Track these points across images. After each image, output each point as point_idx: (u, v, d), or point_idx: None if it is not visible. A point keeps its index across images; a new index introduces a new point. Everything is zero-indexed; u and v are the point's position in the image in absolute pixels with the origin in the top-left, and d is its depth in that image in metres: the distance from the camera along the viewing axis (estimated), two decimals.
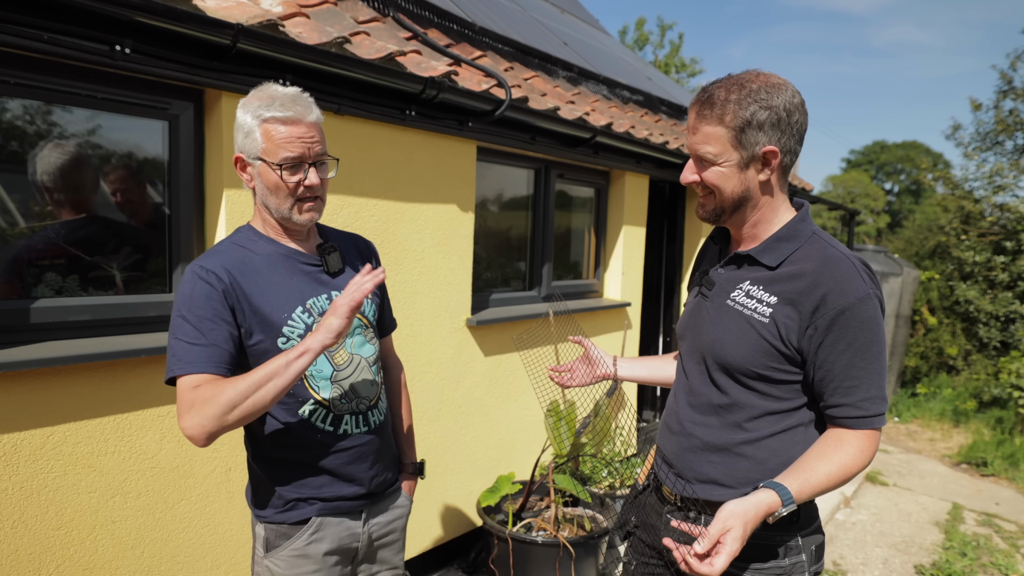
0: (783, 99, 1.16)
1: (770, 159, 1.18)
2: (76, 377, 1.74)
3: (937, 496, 4.64)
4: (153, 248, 2.00)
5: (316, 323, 1.28)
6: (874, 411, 1.17)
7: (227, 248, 1.28)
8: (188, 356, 1.16)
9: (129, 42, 1.72)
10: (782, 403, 1.21)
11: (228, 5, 2.00)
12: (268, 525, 1.32)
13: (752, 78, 1.17)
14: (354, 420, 1.35)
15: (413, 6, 3.13)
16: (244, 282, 1.23)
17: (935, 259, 8.70)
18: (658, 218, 4.91)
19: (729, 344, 1.22)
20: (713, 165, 1.20)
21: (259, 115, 1.22)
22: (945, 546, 3.74)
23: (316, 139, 1.26)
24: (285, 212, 1.27)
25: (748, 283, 1.23)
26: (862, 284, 1.15)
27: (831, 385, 1.17)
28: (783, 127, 1.16)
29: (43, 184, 1.78)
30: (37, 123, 1.77)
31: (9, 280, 1.72)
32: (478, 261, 3.14)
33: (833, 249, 1.19)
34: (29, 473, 1.67)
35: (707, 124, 1.17)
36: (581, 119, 3.20)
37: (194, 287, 1.20)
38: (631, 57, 6.64)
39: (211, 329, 1.18)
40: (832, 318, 1.13)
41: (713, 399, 1.27)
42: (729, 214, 1.24)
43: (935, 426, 6.83)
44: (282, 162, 1.22)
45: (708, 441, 1.27)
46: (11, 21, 1.54)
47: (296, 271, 1.30)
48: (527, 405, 3.32)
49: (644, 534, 1.42)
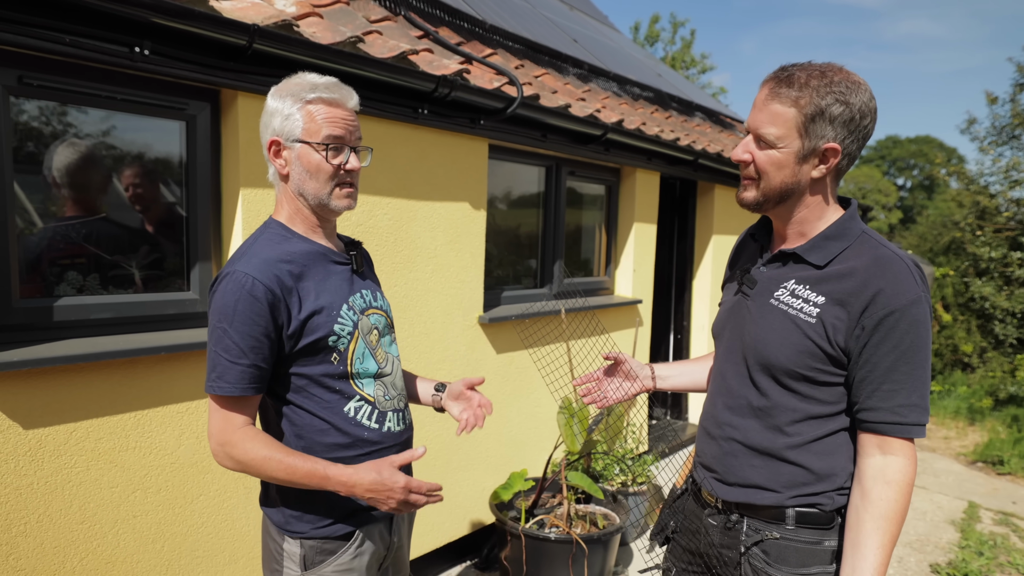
0: (861, 99, 1.12)
1: (829, 157, 1.15)
2: (98, 374, 1.77)
3: (953, 495, 4.59)
4: (171, 247, 2.03)
5: (359, 319, 1.27)
6: (912, 419, 1.11)
7: (266, 251, 1.21)
8: (229, 376, 1.15)
9: (148, 43, 1.75)
10: (824, 407, 1.18)
11: (243, 6, 2.03)
12: (306, 541, 1.25)
13: (836, 70, 1.13)
14: (396, 417, 1.34)
15: (424, 4, 3.14)
16: (293, 289, 1.19)
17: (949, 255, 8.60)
18: (669, 215, 4.90)
19: (773, 344, 1.19)
20: (771, 148, 1.16)
21: (302, 97, 1.20)
22: (961, 545, 3.71)
23: (356, 124, 1.25)
24: (324, 197, 1.24)
25: (793, 282, 1.20)
26: (914, 286, 1.11)
27: (870, 387, 1.12)
28: (852, 127, 1.13)
29: (63, 183, 1.81)
30: (53, 124, 1.80)
31: (32, 279, 1.75)
32: (490, 259, 3.15)
33: (885, 249, 1.16)
34: (53, 468, 1.70)
35: (779, 103, 1.13)
36: (592, 116, 3.20)
37: (238, 299, 1.14)
38: (641, 54, 6.62)
39: (253, 347, 1.15)
40: (881, 318, 1.10)
41: (752, 400, 1.24)
42: (772, 204, 1.21)
43: (950, 424, 6.76)
44: (326, 141, 1.20)
45: (750, 445, 1.24)
46: (35, 25, 1.57)
47: (332, 270, 1.28)
48: (539, 402, 3.32)
49: (683, 539, 1.40)
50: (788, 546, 1.21)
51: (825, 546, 1.20)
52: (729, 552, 1.28)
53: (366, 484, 1.16)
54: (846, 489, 1.19)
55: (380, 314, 1.36)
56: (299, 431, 1.24)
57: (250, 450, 1.15)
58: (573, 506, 2.80)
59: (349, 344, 1.26)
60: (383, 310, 1.38)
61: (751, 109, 1.20)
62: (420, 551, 2.76)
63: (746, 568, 1.25)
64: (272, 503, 1.28)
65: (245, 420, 1.19)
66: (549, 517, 2.77)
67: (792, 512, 1.20)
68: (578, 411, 2.89)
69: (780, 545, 1.21)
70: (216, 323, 1.16)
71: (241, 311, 1.14)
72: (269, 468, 1.15)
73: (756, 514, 1.24)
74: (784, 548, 1.21)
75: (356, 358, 1.27)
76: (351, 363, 1.26)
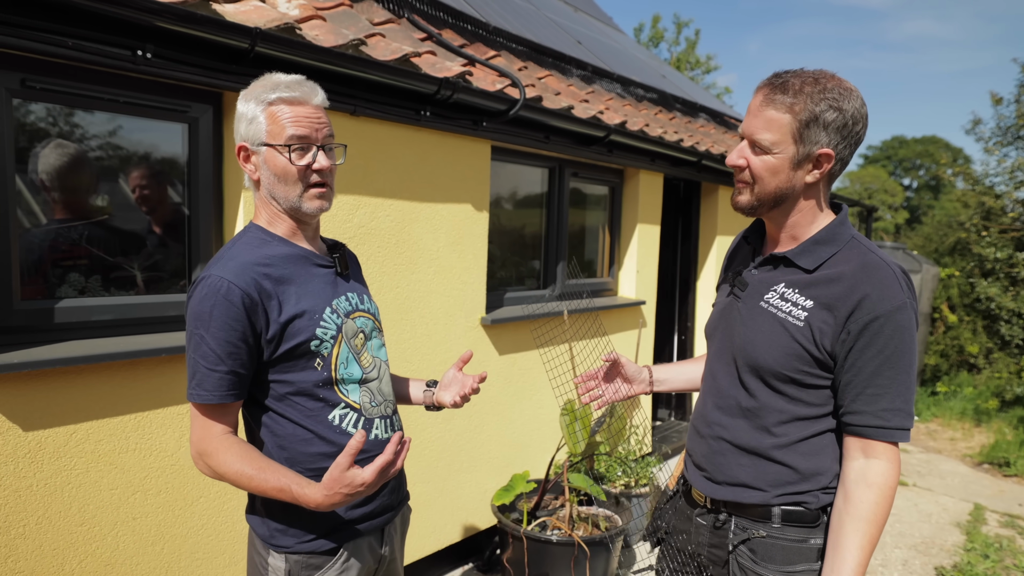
0: (853, 106, 1.14)
1: (823, 162, 1.16)
2: (98, 376, 1.77)
3: (958, 497, 4.56)
4: (173, 248, 2.03)
5: (343, 323, 1.24)
6: (895, 424, 1.12)
7: (244, 254, 1.18)
8: (208, 383, 1.13)
9: (150, 47, 1.75)
10: (811, 408, 1.20)
11: (246, 9, 2.03)
12: (291, 556, 1.21)
13: (828, 77, 1.15)
14: (383, 424, 1.29)
15: (427, 7, 3.14)
16: (272, 293, 1.16)
17: (955, 256, 8.55)
18: (673, 216, 4.89)
19: (761, 346, 1.21)
20: (766, 153, 1.17)
21: (263, 99, 1.16)
22: (967, 548, 3.68)
23: (324, 121, 1.20)
24: (295, 200, 1.19)
25: (783, 285, 1.22)
26: (900, 293, 1.12)
27: (854, 391, 1.14)
28: (845, 133, 1.15)
29: (56, 186, 1.81)
30: (60, 125, 1.80)
31: (33, 281, 1.75)
32: (492, 260, 3.14)
33: (873, 255, 1.17)
34: (53, 470, 1.70)
35: (774, 109, 1.15)
36: (595, 118, 3.19)
37: (215, 304, 1.11)
38: (645, 55, 6.61)
39: (231, 353, 1.13)
40: (866, 323, 1.11)
41: (741, 401, 1.26)
42: (767, 209, 1.23)
43: (956, 425, 6.72)
44: (289, 142, 1.16)
45: (737, 444, 1.26)
46: (37, 28, 1.58)
47: (314, 273, 1.24)
48: (542, 403, 3.32)
49: (675, 539, 1.42)
50: (774, 544, 1.22)
51: (811, 544, 1.21)
52: (718, 551, 1.30)
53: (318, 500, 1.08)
54: (832, 488, 1.21)
55: (366, 317, 1.32)
56: (281, 442, 1.20)
57: (224, 463, 1.12)
58: (576, 508, 2.79)
59: (333, 348, 1.22)
60: (370, 313, 1.34)
61: (746, 115, 1.22)
62: (422, 553, 2.75)
63: (734, 567, 1.26)
64: (257, 515, 1.25)
65: (224, 429, 1.16)
66: (551, 519, 2.76)
67: (778, 510, 1.22)
68: (581, 413, 2.89)
69: (767, 543, 1.23)
70: (193, 329, 1.13)
71: (217, 316, 1.11)
72: (242, 483, 1.12)
73: (743, 512, 1.26)
74: (770, 546, 1.22)
75: (340, 363, 1.23)
76: (335, 368, 1.22)
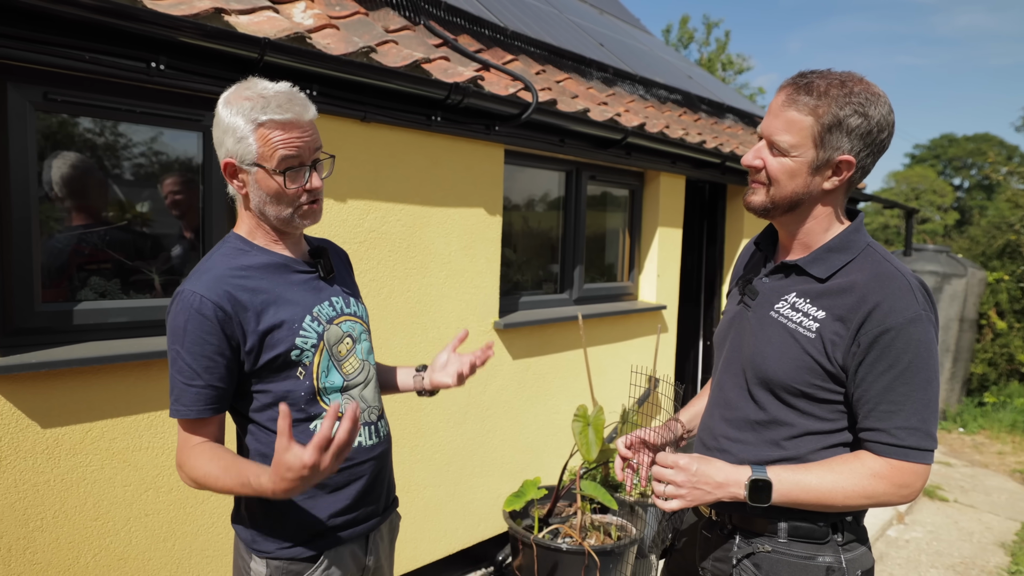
0: (880, 112, 1.10)
1: (843, 169, 1.12)
2: (113, 376, 1.83)
3: (1004, 515, 4.33)
4: (188, 253, 2.10)
5: (325, 330, 1.22)
6: (911, 443, 1.07)
7: (220, 266, 1.18)
8: (185, 398, 1.14)
9: (163, 59, 1.81)
10: (824, 423, 1.15)
11: (259, 20, 2.08)
12: (272, 561, 1.21)
13: (856, 80, 1.10)
14: (367, 431, 1.27)
15: (444, 13, 3.17)
16: (248, 305, 1.15)
17: (1004, 259, 8.13)
18: (697, 218, 4.80)
19: (771, 358, 1.16)
20: (784, 156, 1.13)
21: (254, 118, 1.14)
22: (1011, 570, 3.49)
23: (314, 137, 1.19)
24: (287, 217, 1.20)
25: (794, 295, 1.17)
26: (914, 304, 1.07)
27: (867, 406, 1.09)
28: (868, 140, 1.10)
29: (66, 194, 1.89)
30: (82, 135, 1.88)
31: (54, 284, 1.83)
32: (508, 264, 3.14)
33: (888, 264, 1.12)
34: (69, 466, 1.77)
35: (795, 110, 1.10)
36: (612, 120, 3.16)
37: (188, 319, 1.12)
38: (672, 56, 6.52)
39: (207, 368, 1.13)
40: (876, 335, 1.07)
41: (750, 415, 1.21)
42: (780, 212, 1.18)
43: (1005, 438, 6.39)
44: (281, 166, 1.15)
45: (743, 458, 1.21)
46: (57, 44, 1.65)
47: (294, 280, 1.24)
48: (556, 409, 3.29)
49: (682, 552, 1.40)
50: (780, 560, 1.18)
51: (819, 562, 1.16)
52: (722, 564, 1.26)
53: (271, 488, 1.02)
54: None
55: (354, 320, 1.31)
56: (265, 450, 1.20)
57: (195, 467, 1.13)
58: (588, 516, 2.76)
59: (314, 357, 1.21)
60: (358, 316, 1.32)
61: (766, 114, 1.17)
62: (433, 557, 2.76)
63: None
64: (242, 520, 1.25)
65: (202, 441, 1.17)
66: (563, 527, 2.73)
67: (784, 525, 1.18)
68: (593, 419, 2.85)
69: (772, 559, 1.19)
70: (170, 344, 1.14)
71: (191, 331, 1.12)
72: (213, 483, 1.12)
73: (748, 526, 1.22)
74: (776, 562, 1.18)
75: (321, 372, 1.22)
76: (316, 377, 1.22)
